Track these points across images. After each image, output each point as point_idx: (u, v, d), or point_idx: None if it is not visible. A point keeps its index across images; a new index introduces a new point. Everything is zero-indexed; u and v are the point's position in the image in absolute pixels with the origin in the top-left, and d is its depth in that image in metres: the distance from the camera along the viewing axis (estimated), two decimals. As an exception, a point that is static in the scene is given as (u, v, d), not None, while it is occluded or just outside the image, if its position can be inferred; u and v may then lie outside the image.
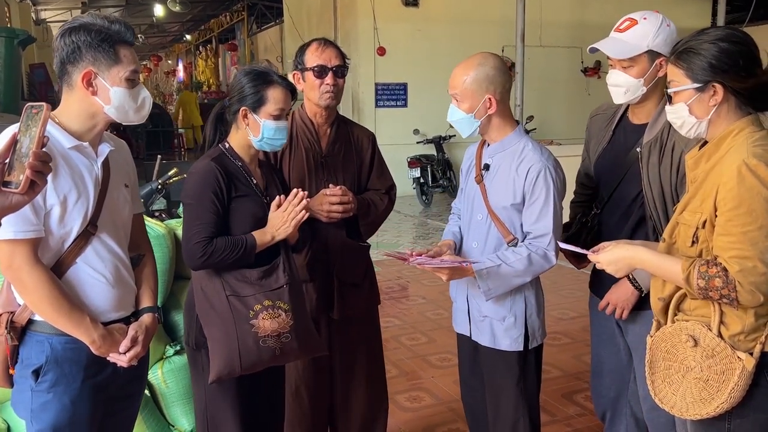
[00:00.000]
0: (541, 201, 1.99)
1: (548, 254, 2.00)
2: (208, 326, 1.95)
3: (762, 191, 1.43)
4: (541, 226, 2.00)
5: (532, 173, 2.00)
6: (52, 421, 1.65)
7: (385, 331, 4.38)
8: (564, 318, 4.64)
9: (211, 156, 1.99)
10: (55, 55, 1.65)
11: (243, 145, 2.03)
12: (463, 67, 2.04)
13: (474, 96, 2.02)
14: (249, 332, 1.88)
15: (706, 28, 1.59)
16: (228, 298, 1.91)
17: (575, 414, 3.29)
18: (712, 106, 1.55)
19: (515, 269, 1.99)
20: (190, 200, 1.95)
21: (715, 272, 1.47)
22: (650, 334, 1.70)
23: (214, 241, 1.90)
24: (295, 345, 1.95)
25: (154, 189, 3.52)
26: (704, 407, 1.54)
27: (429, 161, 9.71)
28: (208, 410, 2.07)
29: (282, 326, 1.91)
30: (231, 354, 1.89)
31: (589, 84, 11.15)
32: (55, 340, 1.65)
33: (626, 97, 2.00)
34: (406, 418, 3.25)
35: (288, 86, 2.03)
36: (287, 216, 1.96)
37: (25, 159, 1.08)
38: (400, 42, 10.04)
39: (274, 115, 1.98)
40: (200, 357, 2.02)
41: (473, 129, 2.08)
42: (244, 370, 1.92)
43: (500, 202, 2.06)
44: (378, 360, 2.62)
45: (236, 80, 2.02)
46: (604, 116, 2.23)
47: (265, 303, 1.91)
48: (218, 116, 2.07)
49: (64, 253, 1.64)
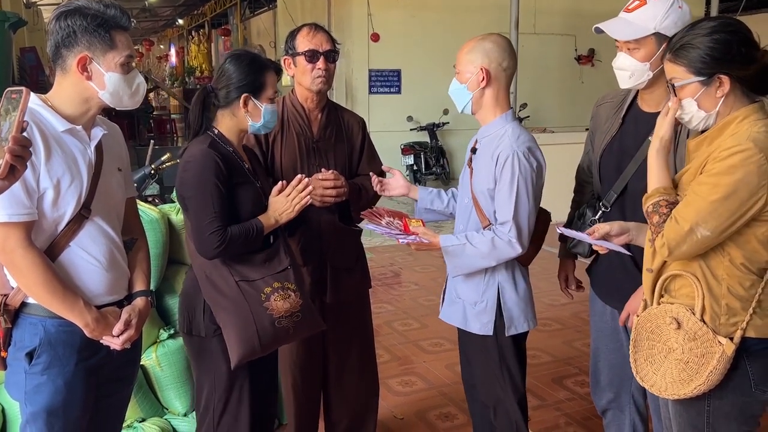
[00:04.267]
0: (505, 188, 1.99)
1: (512, 241, 1.99)
2: (220, 313, 1.95)
3: (739, 172, 1.45)
4: (503, 212, 2.01)
5: (501, 159, 2.00)
6: (45, 403, 1.66)
7: (378, 316, 4.42)
8: (555, 304, 4.67)
9: (203, 143, 1.96)
10: (49, 38, 1.64)
11: (234, 131, 2.02)
12: (469, 41, 2.08)
13: (469, 66, 2.04)
14: (264, 314, 1.92)
15: (697, 21, 1.59)
16: (238, 284, 1.93)
17: (565, 398, 3.33)
18: (719, 98, 1.55)
19: (479, 250, 2.02)
20: (194, 190, 1.91)
21: (662, 212, 1.57)
22: (637, 314, 1.73)
23: (228, 229, 1.90)
24: (306, 323, 2.00)
25: (147, 174, 3.52)
26: (682, 388, 1.58)
27: (422, 148, 9.71)
28: (213, 396, 2.06)
29: (294, 306, 1.96)
30: (250, 337, 1.91)
31: (582, 72, 11.15)
32: (48, 322, 1.66)
33: (631, 82, 1.90)
34: (398, 402, 3.28)
35: (275, 67, 2.06)
36: (291, 201, 1.99)
37: (5, 143, 1.07)
38: (394, 28, 9.98)
39: (270, 98, 2.01)
40: (209, 345, 2.01)
41: (465, 101, 2.08)
42: (264, 350, 1.95)
43: (479, 186, 2.08)
44: (369, 344, 2.65)
45: (229, 66, 1.98)
46: (611, 104, 2.12)
47: (275, 285, 1.95)
48: (203, 102, 2.02)
49: (57, 236, 1.64)
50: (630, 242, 1.76)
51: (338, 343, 2.52)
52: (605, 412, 2.31)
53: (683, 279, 1.61)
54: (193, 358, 2.13)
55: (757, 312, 1.53)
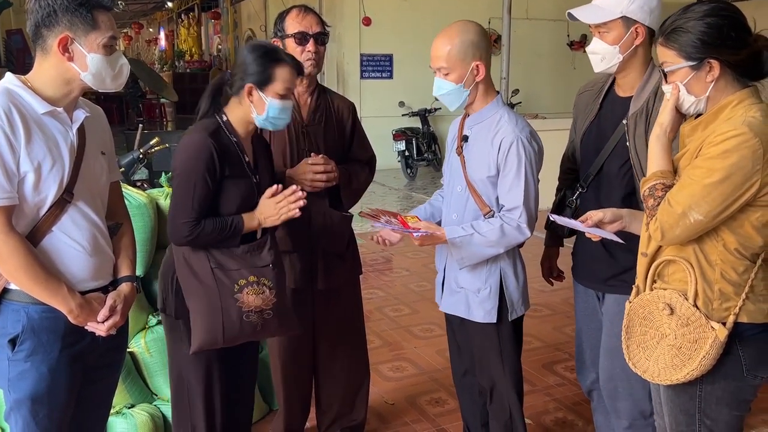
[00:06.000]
0: (512, 173, 1.98)
1: (521, 226, 1.99)
2: (191, 297, 1.94)
3: (734, 156, 1.43)
4: (512, 198, 2.00)
5: (505, 145, 1.98)
6: (29, 391, 1.64)
7: (369, 302, 4.41)
8: (545, 290, 4.65)
9: (207, 129, 1.92)
10: (29, 17, 1.59)
11: (242, 121, 1.98)
12: (445, 37, 2.00)
13: (462, 64, 1.99)
14: (234, 306, 1.89)
15: (690, 5, 1.56)
16: (213, 271, 1.91)
17: (555, 384, 3.34)
18: (709, 83, 1.53)
19: (488, 239, 2.00)
20: (181, 175, 1.90)
21: (657, 195, 1.55)
22: (629, 299, 1.72)
23: (202, 222, 1.88)
24: (276, 322, 1.97)
25: (135, 158, 3.47)
26: (675, 373, 1.58)
27: (414, 134, 9.65)
28: (183, 377, 2.09)
29: (266, 303, 1.93)
30: (215, 326, 1.89)
31: (575, 58, 11.11)
32: (31, 309, 1.63)
33: (603, 65, 1.95)
34: (389, 388, 3.28)
35: (296, 65, 1.98)
36: (279, 209, 1.96)
37: None
38: (386, 12, 9.90)
39: (280, 94, 1.93)
40: (178, 326, 2.03)
41: (462, 100, 2.05)
42: (226, 342, 1.93)
43: (477, 174, 2.06)
44: (360, 329, 2.64)
45: (242, 55, 1.96)
46: (591, 93, 2.17)
47: (250, 279, 1.92)
48: (217, 89, 2.01)
49: (39, 221, 1.61)
50: (623, 229, 1.75)
51: (329, 328, 2.51)
52: (591, 393, 2.33)
53: (677, 265, 1.59)
54: (166, 337, 2.15)
55: (750, 297, 1.52)
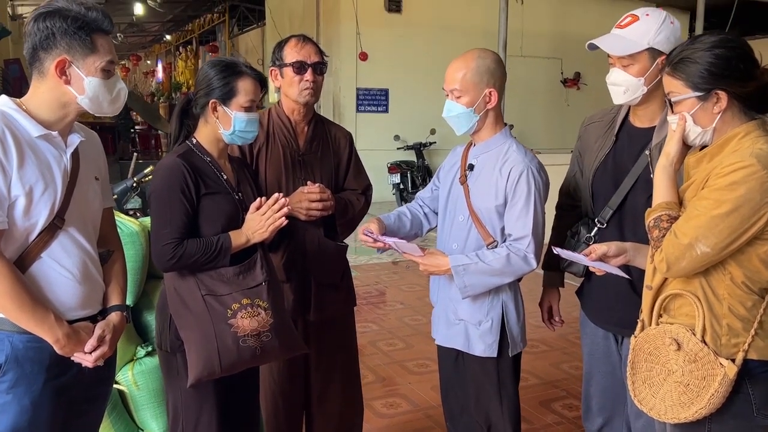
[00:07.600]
0: (522, 202, 1.96)
1: (528, 257, 1.96)
2: (183, 328, 1.88)
3: (742, 188, 1.41)
4: (520, 227, 1.97)
5: (514, 174, 1.97)
6: (10, 424, 1.57)
7: (363, 336, 4.34)
8: (541, 326, 4.59)
9: (177, 153, 1.92)
10: (26, 39, 1.58)
11: (212, 140, 1.97)
12: (462, 60, 2.01)
13: (475, 89, 1.98)
14: (228, 332, 1.83)
15: (698, 36, 1.56)
16: (204, 298, 1.85)
17: (553, 422, 3.27)
18: (716, 114, 1.52)
19: (493, 268, 1.96)
20: (157, 199, 1.87)
21: (663, 227, 1.54)
22: (634, 334, 1.68)
23: (184, 242, 1.83)
24: (276, 344, 1.90)
25: (129, 187, 3.46)
26: (683, 411, 1.53)
27: (409, 167, 9.73)
28: (183, 415, 1.99)
29: (262, 325, 1.86)
30: (210, 355, 1.83)
31: (568, 95, 11.27)
32: (16, 338, 1.57)
33: (626, 97, 1.89)
34: (383, 425, 3.20)
35: (258, 76, 1.97)
36: (265, 221, 1.91)
37: None
38: (383, 48, 10.04)
39: (245, 106, 1.92)
40: (175, 360, 1.95)
41: (471, 124, 2.03)
42: (224, 371, 1.85)
43: (482, 203, 2.03)
44: (354, 364, 2.58)
45: (203, 72, 1.95)
46: (601, 124, 2.10)
47: (243, 301, 1.86)
48: (183, 110, 2.00)
49: (28, 246, 1.57)
50: (628, 263, 1.72)
51: (321, 362, 2.44)
52: None
53: (683, 298, 1.56)
54: (163, 373, 2.06)
55: (759, 333, 1.49)
